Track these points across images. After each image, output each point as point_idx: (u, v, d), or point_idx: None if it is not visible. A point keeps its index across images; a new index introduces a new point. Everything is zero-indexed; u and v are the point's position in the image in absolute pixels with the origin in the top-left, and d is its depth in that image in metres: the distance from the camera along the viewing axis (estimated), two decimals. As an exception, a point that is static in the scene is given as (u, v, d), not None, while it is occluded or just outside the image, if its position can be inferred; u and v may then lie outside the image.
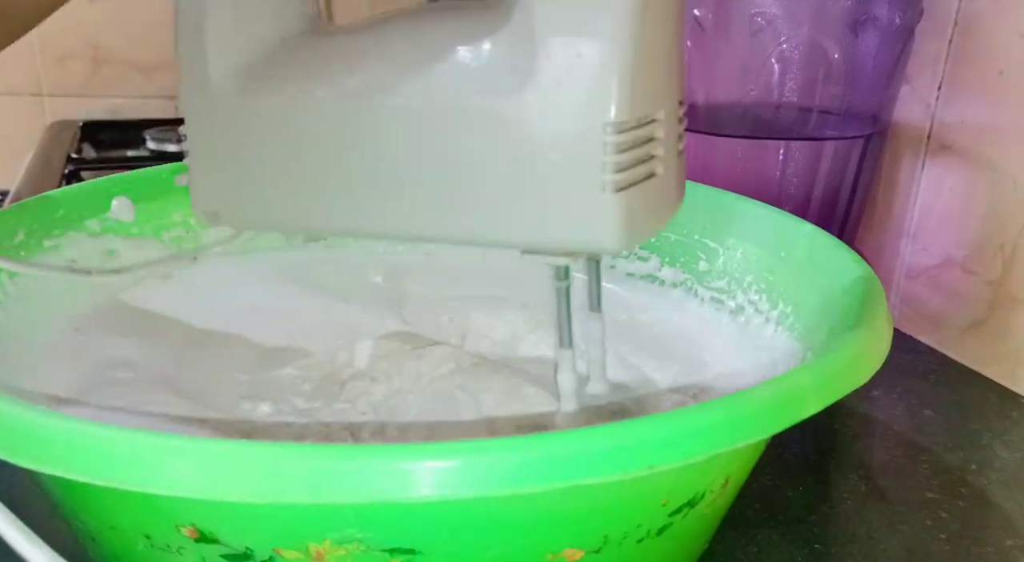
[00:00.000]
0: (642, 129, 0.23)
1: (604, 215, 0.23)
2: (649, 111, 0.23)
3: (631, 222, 0.23)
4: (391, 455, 0.18)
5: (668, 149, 0.25)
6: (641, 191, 0.23)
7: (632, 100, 0.22)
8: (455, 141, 0.24)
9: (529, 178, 0.23)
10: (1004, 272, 0.43)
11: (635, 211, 0.23)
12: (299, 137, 0.26)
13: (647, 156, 0.24)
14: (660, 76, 0.24)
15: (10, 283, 0.33)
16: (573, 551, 0.22)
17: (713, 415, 0.20)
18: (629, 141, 0.23)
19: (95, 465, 0.19)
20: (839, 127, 0.46)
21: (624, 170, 0.23)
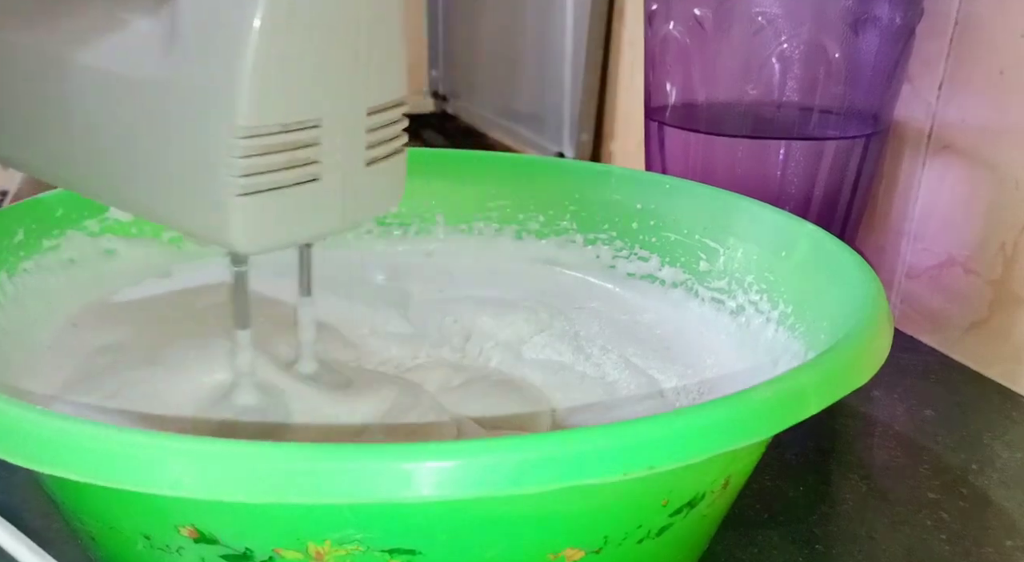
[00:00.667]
0: (290, 135, 0.22)
1: (229, 216, 0.22)
2: (305, 116, 0.22)
3: (264, 226, 0.23)
4: (391, 455, 0.18)
5: (342, 155, 0.24)
6: (285, 196, 0.23)
7: (270, 105, 0.22)
8: (115, 109, 0.24)
9: (176, 169, 0.23)
10: (1005, 272, 0.43)
11: (271, 216, 0.23)
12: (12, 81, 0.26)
13: (299, 162, 0.23)
14: (328, 75, 0.23)
15: (8, 283, 0.33)
16: (573, 551, 0.22)
17: (713, 415, 0.20)
18: (263, 147, 0.22)
19: (95, 465, 0.19)
20: (840, 127, 0.46)
21: (255, 175, 0.22)
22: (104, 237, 0.38)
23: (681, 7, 0.45)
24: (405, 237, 0.45)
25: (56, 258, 0.36)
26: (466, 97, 1.04)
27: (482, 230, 0.44)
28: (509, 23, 0.90)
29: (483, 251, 0.44)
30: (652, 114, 0.49)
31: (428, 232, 0.44)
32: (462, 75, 1.05)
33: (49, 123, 0.26)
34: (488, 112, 0.97)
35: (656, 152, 0.49)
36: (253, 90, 0.21)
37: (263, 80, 0.21)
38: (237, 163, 0.22)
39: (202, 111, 0.22)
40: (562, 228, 0.43)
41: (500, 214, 0.44)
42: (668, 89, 0.48)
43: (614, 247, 0.42)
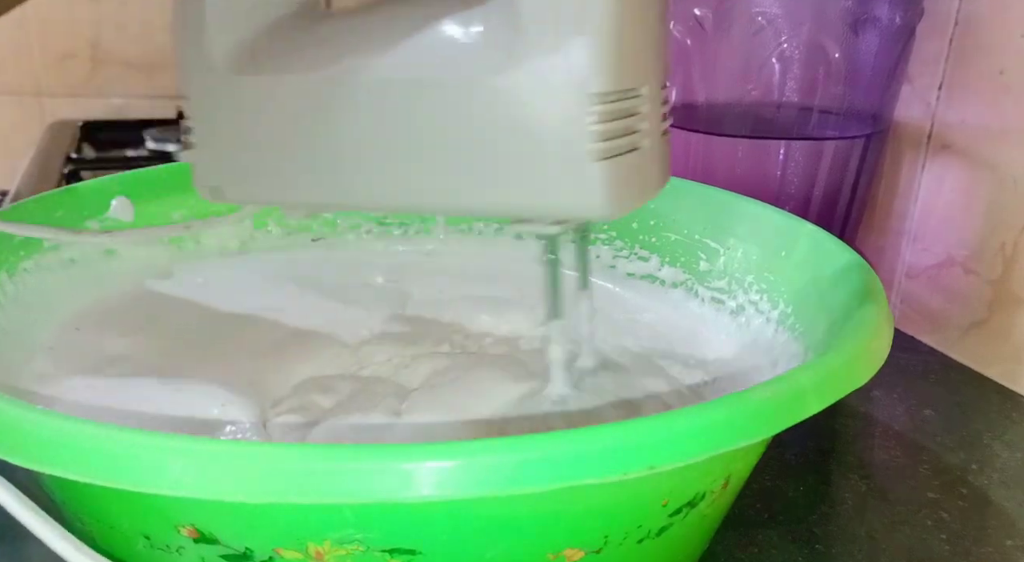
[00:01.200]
0: (626, 102, 0.24)
1: (589, 182, 0.24)
2: (633, 84, 0.24)
3: (615, 190, 0.24)
4: (391, 455, 0.18)
5: (652, 125, 0.25)
6: (625, 162, 0.24)
7: (616, 71, 0.23)
8: (444, 115, 0.25)
9: (517, 148, 0.24)
10: (1005, 272, 0.43)
11: (619, 180, 0.24)
12: (295, 115, 0.26)
13: (631, 129, 0.24)
14: (644, 53, 0.25)
15: (9, 283, 0.33)
16: (573, 551, 0.22)
17: (713, 415, 0.20)
18: (613, 112, 0.24)
19: (95, 465, 0.19)
20: (839, 127, 0.46)
21: (608, 140, 0.24)
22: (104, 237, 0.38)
23: (681, 7, 0.45)
24: (405, 237, 0.45)
25: (56, 258, 0.36)
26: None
27: (482, 230, 0.44)
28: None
29: (483, 251, 0.44)
30: (652, 114, 0.49)
31: (428, 232, 0.44)
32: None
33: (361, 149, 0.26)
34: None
35: (656, 152, 0.49)
36: (603, 59, 0.23)
37: (609, 50, 0.23)
38: (595, 129, 0.23)
39: (553, 90, 0.23)
40: (562, 228, 0.43)
41: (500, 214, 0.44)
42: (668, 89, 0.48)
43: (614, 247, 0.42)
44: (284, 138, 0.27)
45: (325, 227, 0.44)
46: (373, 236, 0.44)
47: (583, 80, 0.23)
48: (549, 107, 0.24)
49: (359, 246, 0.44)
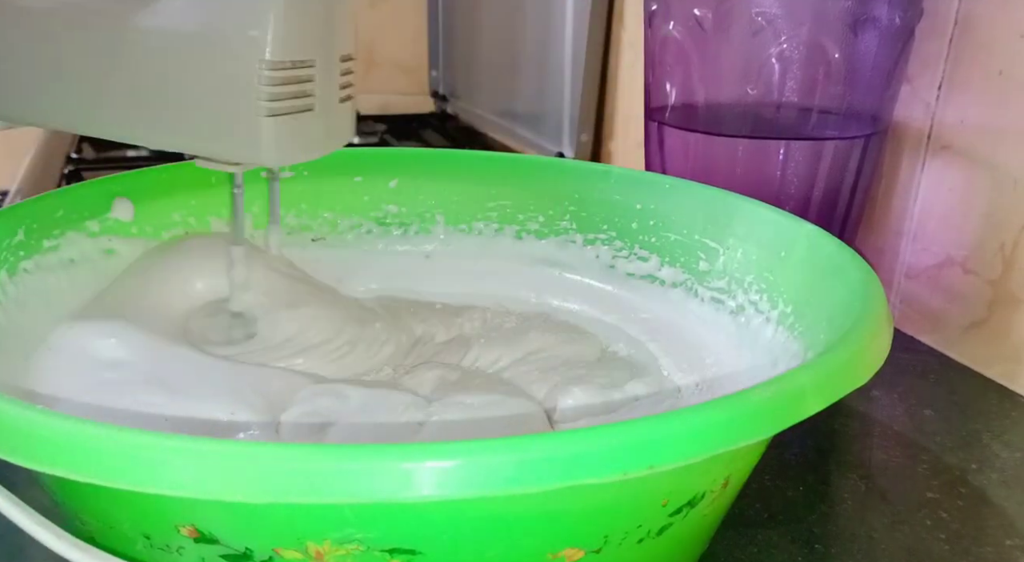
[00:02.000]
0: (297, 70, 0.29)
1: (259, 134, 0.28)
2: (305, 56, 0.29)
3: (282, 142, 0.29)
4: (391, 455, 0.18)
5: (325, 92, 0.30)
6: (294, 120, 0.29)
7: (287, 44, 0.28)
8: (143, 60, 0.29)
9: (204, 97, 0.29)
10: (1004, 272, 0.43)
11: (287, 135, 0.29)
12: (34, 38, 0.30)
13: (302, 93, 0.29)
14: (319, 27, 0.29)
15: (10, 283, 0.33)
16: (573, 551, 0.22)
17: (713, 415, 0.20)
18: (282, 78, 0.28)
19: (95, 465, 0.19)
20: (839, 127, 0.46)
21: (278, 100, 0.28)
22: (104, 237, 0.38)
23: (681, 7, 0.45)
24: (405, 237, 0.45)
25: (56, 258, 0.36)
26: (466, 97, 1.04)
27: (482, 230, 0.44)
28: (509, 23, 0.90)
29: (483, 251, 0.44)
30: (652, 114, 0.49)
31: (428, 232, 0.44)
32: (462, 75, 1.05)
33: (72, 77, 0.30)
34: (488, 112, 0.97)
35: (656, 152, 0.49)
36: (278, 32, 0.28)
37: (285, 25, 0.28)
38: (265, 90, 0.28)
39: (235, 52, 0.28)
40: (562, 228, 0.43)
41: (500, 214, 0.44)
42: (668, 89, 0.48)
43: (614, 247, 0.42)
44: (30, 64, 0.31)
45: (325, 227, 0.44)
46: (373, 236, 0.44)
47: (259, 48, 0.28)
48: (231, 66, 0.28)
49: (358, 246, 0.44)
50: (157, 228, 0.40)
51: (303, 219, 0.44)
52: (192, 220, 0.41)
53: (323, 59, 0.30)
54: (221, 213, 0.42)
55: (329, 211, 0.44)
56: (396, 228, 0.45)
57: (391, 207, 0.44)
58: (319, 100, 0.30)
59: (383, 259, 0.44)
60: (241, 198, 0.35)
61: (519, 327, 0.39)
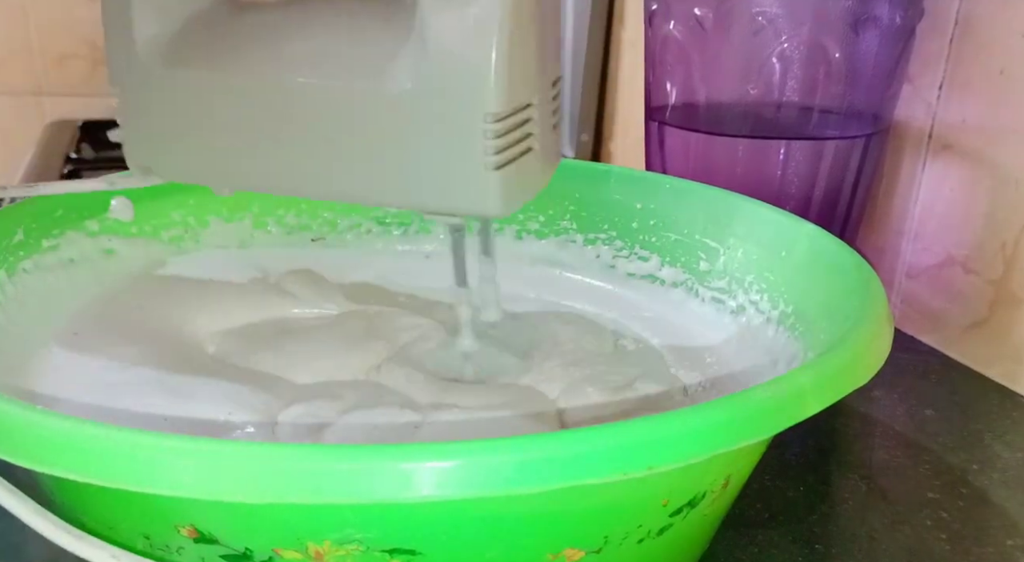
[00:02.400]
0: (518, 115, 0.27)
1: (486, 188, 0.27)
2: (526, 99, 0.27)
3: (510, 192, 0.28)
4: (391, 455, 0.18)
5: (543, 127, 0.29)
6: (518, 165, 0.28)
7: (509, 93, 0.26)
8: (353, 120, 0.28)
9: (424, 155, 0.27)
10: (1005, 272, 0.43)
11: (513, 182, 0.28)
12: (216, 105, 0.29)
13: (524, 136, 0.28)
14: (534, 65, 0.27)
15: (9, 283, 0.33)
16: (573, 551, 0.22)
17: (713, 415, 0.20)
18: (506, 128, 0.27)
19: (95, 465, 0.19)
20: (840, 127, 0.46)
21: (502, 151, 0.27)
22: (103, 237, 0.38)
23: (681, 7, 0.45)
24: (405, 237, 0.45)
25: (55, 258, 0.36)
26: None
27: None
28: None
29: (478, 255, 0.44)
30: (652, 114, 0.49)
31: (428, 232, 0.44)
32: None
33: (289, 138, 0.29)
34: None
35: (656, 152, 0.49)
36: (499, 83, 0.26)
37: (505, 74, 0.26)
38: (491, 144, 0.26)
39: (456, 109, 0.26)
40: (562, 228, 0.43)
41: (500, 214, 0.44)
42: (668, 89, 0.48)
43: (614, 247, 0.42)
44: (204, 126, 0.30)
45: (324, 227, 0.44)
46: (373, 236, 0.44)
47: (480, 101, 0.26)
48: (450, 122, 0.27)
49: (358, 246, 0.44)
50: (156, 228, 0.40)
51: (303, 219, 0.44)
52: (192, 220, 0.41)
53: (540, 94, 0.28)
54: (221, 213, 0.42)
55: (329, 211, 0.44)
56: (396, 228, 0.45)
57: (391, 207, 0.44)
58: (538, 138, 0.28)
59: (383, 259, 0.44)
60: (462, 242, 0.33)
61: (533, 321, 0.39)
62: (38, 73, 0.97)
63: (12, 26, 0.95)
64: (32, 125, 0.95)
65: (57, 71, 0.97)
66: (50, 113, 0.98)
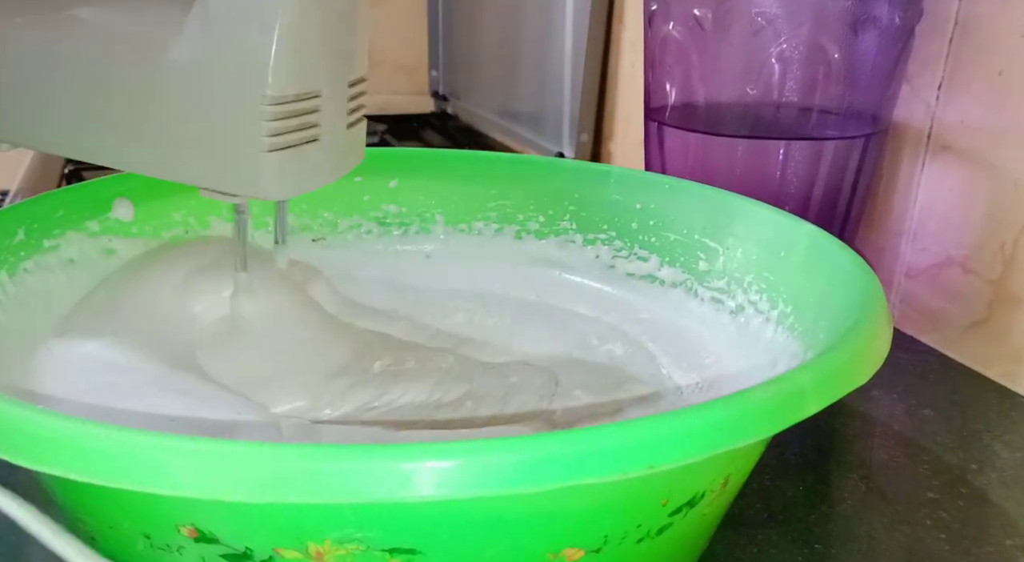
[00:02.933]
0: (301, 103, 0.27)
1: (262, 171, 0.27)
2: (311, 87, 0.27)
3: (286, 176, 0.27)
4: (391, 455, 0.18)
5: (333, 121, 0.28)
6: (299, 153, 0.27)
7: (289, 77, 0.26)
8: (137, 89, 0.28)
9: (203, 129, 0.27)
10: (1004, 272, 0.43)
11: (291, 168, 0.27)
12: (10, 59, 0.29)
13: (307, 125, 0.27)
14: (324, 56, 0.27)
15: (10, 283, 0.33)
16: (573, 551, 0.22)
17: (713, 415, 0.20)
18: (285, 112, 0.26)
19: (95, 465, 0.19)
20: (839, 127, 0.46)
21: (279, 135, 0.27)
22: (104, 237, 0.38)
23: (681, 7, 0.45)
24: (405, 237, 0.45)
25: (56, 258, 0.36)
26: (466, 97, 1.04)
27: (482, 230, 0.44)
28: (509, 23, 0.90)
29: (483, 251, 0.44)
30: (652, 114, 0.49)
31: (428, 232, 0.44)
32: (462, 75, 1.05)
33: (71, 100, 0.29)
34: (488, 112, 0.97)
35: (656, 152, 0.49)
36: (278, 66, 0.26)
37: (286, 58, 0.26)
38: (266, 125, 0.26)
39: (235, 85, 0.26)
40: (562, 228, 0.43)
41: (500, 214, 0.44)
42: (668, 89, 0.48)
43: (614, 247, 0.42)
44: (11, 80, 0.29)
45: (325, 227, 0.44)
46: (373, 236, 0.44)
47: (260, 82, 0.26)
48: (230, 99, 0.26)
49: (359, 246, 0.44)
50: (157, 228, 0.40)
51: (303, 219, 0.44)
52: (192, 220, 0.41)
53: (331, 87, 0.28)
54: (221, 213, 0.42)
55: (329, 211, 0.44)
56: (396, 228, 0.45)
57: (391, 207, 0.44)
58: (325, 130, 0.28)
59: (383, 259, 0.44)
60: (244, 226, 0.33)
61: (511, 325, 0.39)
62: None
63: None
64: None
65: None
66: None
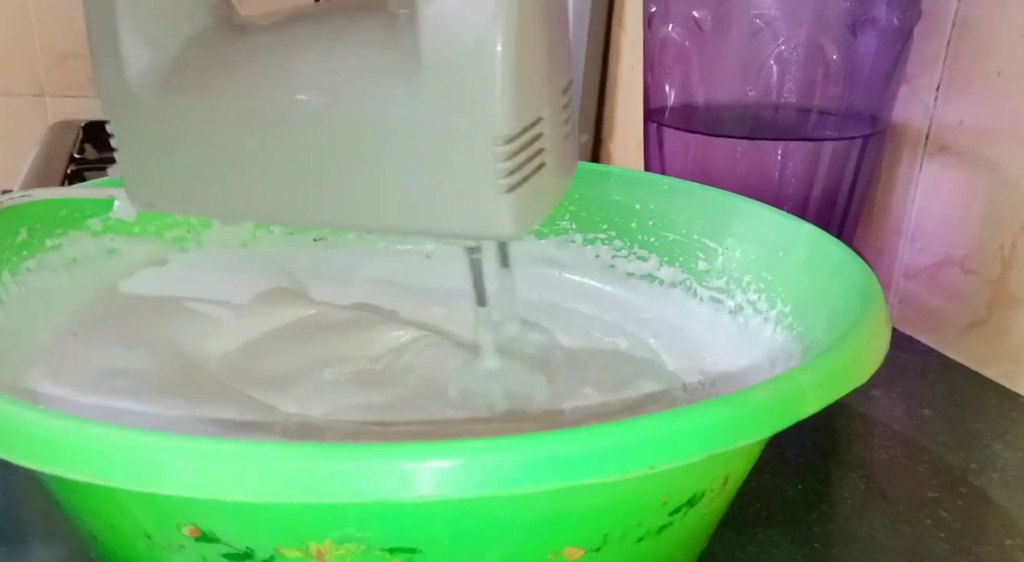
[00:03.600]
0: (528, 133, 0.25)
1: (499, 212, 0.26)
2: (535, 115, 0.25)
3: (523, 212, 0.26)
4: (391, 455, 0.18)
5: (555, 139, 0.27)
6: (531, 184, 0.26)
7: (516, 112, 0.24)
8: (359, 142, 0.26)
9: (431, 180, 0.26)
10: (1003, 272, 0.44)
11: (526, 202, 0.26)
12: (217, 133, 0.27)
13: (535, 153, 0.26)
14: (542, 76, 0.26)
15: (13, 283, 0.33)
16: (573, 550, 0.22)
17: (713, 415, 0.20)
18: (516, 148, 0.25)
19: (95, 465, 0.19)
20: (838, 128, 0.46)
21: (513, 173, 0.25)
22: (106, 236, 0.38)
23: (680, 9, 0.45)
24: (406, 237, 0.45)
25: (59, 257, 0.36)
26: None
27: (482, 230, 0.44)
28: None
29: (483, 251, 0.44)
30: (651, 115, 0.49)
31: (428, 232, 0.44)
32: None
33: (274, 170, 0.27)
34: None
35: (655, 153, 0.49)
36: (505, 104, 0.24)
37: (511, 93, 0.24)
38: (501, 167, 0.25)
39: (460, 133, 0.25)
40: (561, 228, 0.43)
41: (500, 214, 0.44)
42: (667, 90, 0.48)
43: (613, 247, 0.42)
44: (205, 156, 0.28)
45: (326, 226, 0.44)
46: (374, 236, 0.45)
47: (487, 124, 0.24)
48: (457, 145, 0.25)
49: (360, 246, 0.44)
50: (159, 228, 0.40)
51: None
52: (194, 220, 0.41)
53: (550, 106, 0.26)
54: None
55: (329, 211, 0.44)
56: (396, 228, 0.45)
57: (391, 207, 0.44)
58: (550, 152, 0.26)
59: (384, 259, 0.44)
60: (480, 264, 0.32)
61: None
62: (40, 73, 0.97)
63: (14, 26, 0.95)
64: (35, 126, 0.95)
65: (59, 71, 0.97)
66: (53, 114, 0.98)
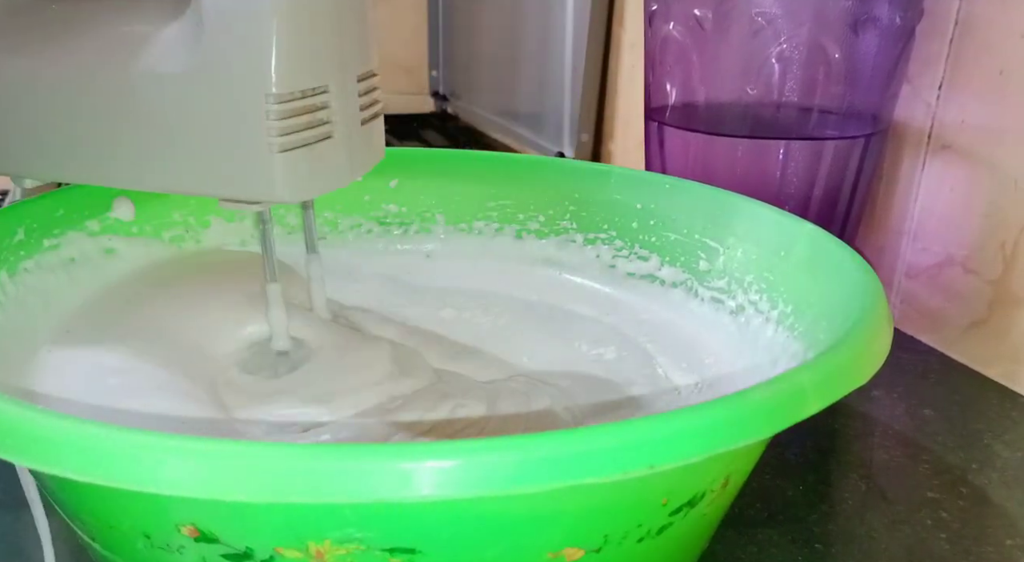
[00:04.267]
0: (308, 100, 0.26)
1: (273, 173, 0.26)
2: (318, 82, 0.27)
3: (299, 178, 0.27)
4: (391, 455, 0.18)
5: (345, 116, 0.28)
6: (311, 152, 0.27)
7: (292, 73, 0.26)
8: (147, 104, 0.27)
9: (209, 139, 0.27)
10: (1005, 271, 0.43)
11: (303, 168, 0.27)
12: (30, 94, 0.29)
13: (318, 122, 0.27)
14: (330, 50, 0.27)
15: (10, 283, 0.33)
16: (573, 550, 0.22)
17: (713, 415, 0.20)
18: (292, 110, 0.26)
19: (95, 465, 0.19)
20: (839, 127, 0.46)
21: (288, 134, 0.26)
22: (104, 237, 0.38)
23: (681, 7, 0.45)
24: (405, 236, 0.45)
25: (56, 257, 0.36)
26: (466, 97, 1.04)
27: (482, 230, 0.44)
28: (509, 23, 0.90)
29: (483, 251, 0.44)
30: (652, 114, 0.49)
31: (428, 231, 0.44)
32: (462, 75, 1.05)
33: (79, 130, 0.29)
34: (488, 112, 0.97)
35: (656, 152, 0.49)
36: (280, 63, 0.25)
37: (287, 54, 0.25)
38: (274, 125, 0.26)
39: (237, 89, 0.26)
40: (562, 228, 0.43)
41: (500, 214, 0.44)
42: (668, 89, 0.48)
43: (614, 247, 0.42)
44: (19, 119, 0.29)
45: (325, 226, 0.44)
46: (373, 235, 0.45)
47: (261, 81, 0.25)
48: (233, 104, 0.26)
49: (359, 245, 0.44)
50: (158, 228, 0.40)
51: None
52: (192, 220, 0.41)
53: (339, 82, 0.27)
54: (221, 212, 0.42)
55: (329, 211, 0.44)
56: (396, 228, 0.45)
57: (391, 207, 0.44)
58: (338, 127, 0.28)
59: (384, 258, 0.44)
60: (270, 235, 0.33)
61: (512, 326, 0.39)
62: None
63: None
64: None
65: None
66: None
